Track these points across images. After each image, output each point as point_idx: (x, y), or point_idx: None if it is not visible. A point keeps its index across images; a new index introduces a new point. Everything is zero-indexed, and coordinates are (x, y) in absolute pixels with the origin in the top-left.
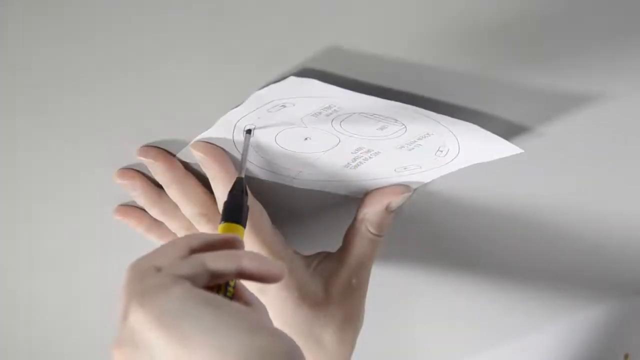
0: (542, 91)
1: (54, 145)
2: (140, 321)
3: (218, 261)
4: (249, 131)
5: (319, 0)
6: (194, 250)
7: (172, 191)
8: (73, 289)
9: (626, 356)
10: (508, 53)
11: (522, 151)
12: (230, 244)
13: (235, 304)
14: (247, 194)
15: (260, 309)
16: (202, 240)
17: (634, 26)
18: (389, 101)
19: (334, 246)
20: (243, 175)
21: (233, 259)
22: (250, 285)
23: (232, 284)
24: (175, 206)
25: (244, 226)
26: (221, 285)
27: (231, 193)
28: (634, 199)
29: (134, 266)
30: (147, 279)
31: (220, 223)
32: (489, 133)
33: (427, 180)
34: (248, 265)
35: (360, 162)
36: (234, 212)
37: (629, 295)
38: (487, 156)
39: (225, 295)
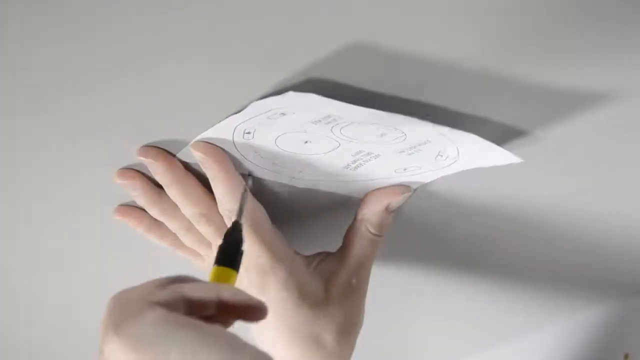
0: (541, 93)
1: (54, 145)
2: (114, 349)
3: (197, 289)
4: (249, 175)
5: (319, 0)
6: (177, 280)
7: (172, 191)
8: (73, 289)
9: (626, 356)
10: (507, 54)
11: (522, 160)
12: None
13: (215, 325)
14: (243, 240)
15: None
16: (185, 278)
17: (631, 27)
18: (388, 113)
19: (334, 246)
20: (241, 220)
21: (212, 289)
22: (250, 287)
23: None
24: (175, 206)
25: (237, 271)
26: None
27: (227, 237)
28: (633, 199)
29: (112, 299)
30: (125, 307)
31: (213, 265)
32: (488, 143)
33: (427, 180)
34: (228, 296)
35: (360, 164)
36: (229, 257)
37: (629, 295)
38: (486, 163)
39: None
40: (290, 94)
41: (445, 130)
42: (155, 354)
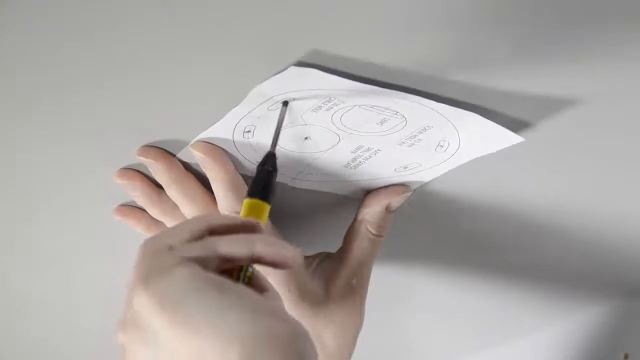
0: (540, 90)
1: (54, 145)
2: (142, 304)
3: (230, 245)
4: (285, 103)
5: (320, 1)
6: (211, 231)
7: (172, 191)
8: (73, 289)
9: (626, 356)
10: (506, 49)
11: (523, 140)
12: (249, 228)
13: (241, 287)
14: (276, 171)
15: (274, 297)
16: (221, 222)
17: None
18: (389, 90)
19: (334, 246)
20: (274, 150)
21: (246, 243)
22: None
23: (249, 269)
24: (175, 206)
25: (270, 203)
26: (235, 270)
27: (261, 167)
28: (634, 199)
29: (146, 244)
30: (156, 258)
31: (245, 197)
32: (489, 122)
33: (427, 179)
34: (261, 250)
35: (360, 162)
36: (261, 188)
37: (629, 295)
38: (487, 148)
39: (240, 280)
40: (292, 69)
41: (444, 109)
42: (181, 314)
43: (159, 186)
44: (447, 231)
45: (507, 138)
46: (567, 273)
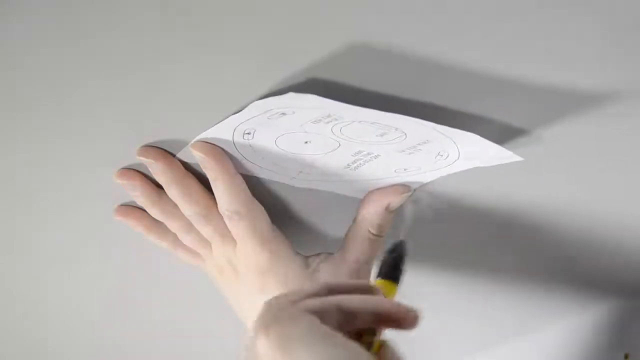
0: (541, 93)
1: (54, 146)
2: (264, 346)
3: (352, 301)
4: (414, 200)
5: (320, 1)
6: (332, 291)
7: (172, 191)
8: (73, 289)
9: (626, 356)
10: (506, 50)
11: (522, 159)
12: (369, 291)
13: (354, 345)
14: (406, 257)
15: None
16: (343, 285)
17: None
18: (388, 113)
19: (334, 246)
20: (404, 239)
21: (368, 302)
22: (250, 287)
23: (377, 340)
24: (175, 206)
25: (398, 286)
26: (363, 335)
27: (392, 252)
28: (633, 199)
29: (267, 303)
30: (278, 310)
31: (377, 278)
32: (488, 142)
33: (427, 180)
34: (383, 310)
35: (360, 164)
36: (393, 271)
37: (629, 295)
38: (486, 162)
39: (366, 344)
40: (290, 94)
41: (445, 129)
42: (295, 357)
43: (159, 186)
44: (447, 231)
45: (505, 157)
46: (567, 273)
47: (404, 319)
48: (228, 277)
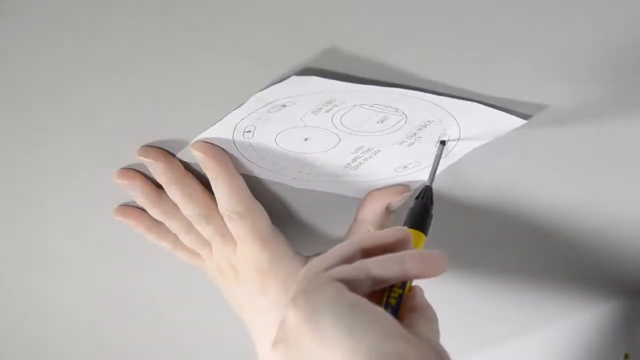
0: (542, 91)
1: (54, 146)
2: (291, 318)
3: (381, 267)
4: (442, 142)
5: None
6: (365, 252)
7: (172, 191)
8: (73, 289)
9: (626, 356)
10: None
11: (525, 122)
12: (400, 245)
13: (377, 309)
14: (432, 204)
15: (426, 316)
16: (374, 242)
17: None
18: (389, 88)
19: (333, 246)
20: (431, 184)
21: (396, 264)
22: (250, 286)
23: (397, 290)
24: (175, 206)
25: (426, 234)
26: (387, 290)
27: (419, 199)
28: (634, 199)
29: (306, 267)
30: (310, 279)
31: (404, 226)
32: (489, 109)
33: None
34: (411, 268)
35: (360, 163)
36: (420, 219)
37: (629, 295)
38: (488, 135)
39: (392, 298)
40: (293, 78)
41: (445, 101)
42: (320, 329)
43: (159, 186)
44: (447, 231)
45: (508, 122)
46: (567, 273)
47: (430, 273)
48: (228, 277)
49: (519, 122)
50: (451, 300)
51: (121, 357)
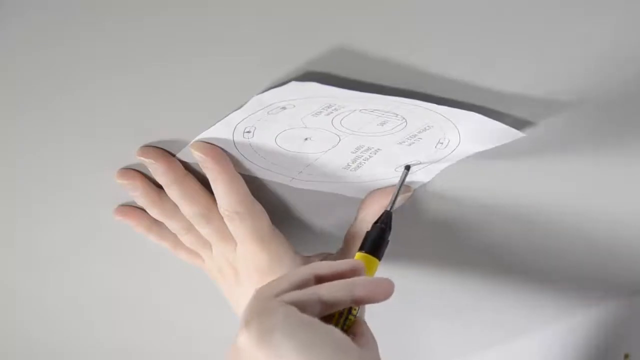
0: (542, 90)
1: (54, 146)
2: (244, 341)
3: (331, 292)
4: (407, 167)
5: (319, 1)
6: (318, 278)
7: (172, 191)
8: (73, 289)
9: (626, 356)
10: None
11: (524, 135)
12: (353, 273)
13: (331, 328)
14: (390, 229)
15: (367, 343)
16: (329, 270)
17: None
18: (389, 97)
19: (334, 246)
20: (391, 210)
21: (347, 289)
22: (250, 287)
23: (352, 313)
24: (175, 206)
25: (380, 259)
26: (336, 314)
27: (376, 225)
28: (634, 199)
29: (256, 293)
30: (260, 303)
31: (358, 251)
32: (489, 120)
33: (427, 178)
34: (360, 293)
35: (360, 163)
36: (374, 245)
37: (629, 295)
38: (488, 144)
39: (341, 323)
40: (293, 84)
41: (445, 110)
42: (274, 349)
43: (159, 186)
44: (447, 232)
45: (507, 135)
46: (568, 273)
47: (377, 297)
48: (228, 277)
49: (517, 134)
50: (450, 301)
51: (121, 357)
